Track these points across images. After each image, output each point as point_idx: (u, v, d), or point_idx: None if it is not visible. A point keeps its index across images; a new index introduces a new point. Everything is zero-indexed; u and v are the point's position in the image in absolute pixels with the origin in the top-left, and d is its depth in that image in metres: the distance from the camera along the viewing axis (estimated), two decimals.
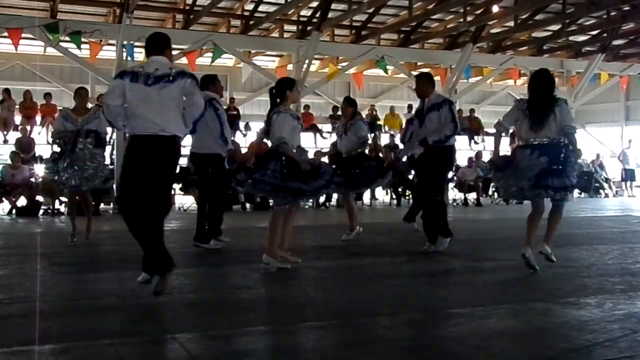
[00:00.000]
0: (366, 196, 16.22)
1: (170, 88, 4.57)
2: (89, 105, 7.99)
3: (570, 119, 5.78)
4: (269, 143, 6.03)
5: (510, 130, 7.03)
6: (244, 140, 17.50)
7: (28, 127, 15.10)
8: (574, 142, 5.64)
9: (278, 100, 6.06)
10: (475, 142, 19.40)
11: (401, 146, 9.89)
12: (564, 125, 5.60)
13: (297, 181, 5.70)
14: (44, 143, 15.38)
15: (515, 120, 5.85)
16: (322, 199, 15.67)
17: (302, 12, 16.39)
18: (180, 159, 4.98)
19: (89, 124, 7.60)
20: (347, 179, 7.79)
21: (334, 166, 7.74)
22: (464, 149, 17.19)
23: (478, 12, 16.05)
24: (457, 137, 7.11)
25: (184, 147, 5.18)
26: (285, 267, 5.88)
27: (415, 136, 7.33)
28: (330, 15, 15.08)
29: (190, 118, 4.71)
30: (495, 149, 5.98)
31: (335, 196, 16.17)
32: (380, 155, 16.95)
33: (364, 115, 19.18)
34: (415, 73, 19.25)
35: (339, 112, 18.99)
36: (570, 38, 18.15)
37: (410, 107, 19.64)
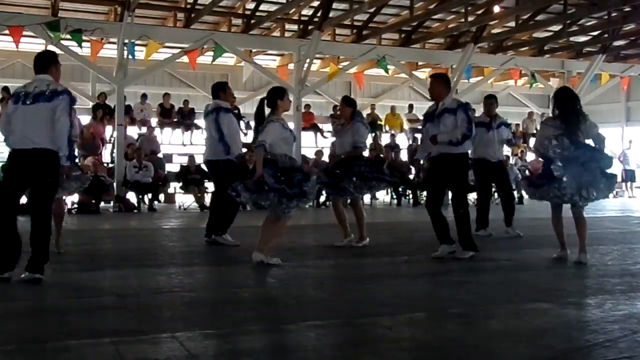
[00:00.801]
0: (366, 196, 16.20)
1: (45, 106, 5.10)
2: None
3: (596, 129, 6.34)
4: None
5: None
6: (245, 139, 17.48)
7: None
8: (604, 151, 6.35)
9: (269, 109, 6.12)
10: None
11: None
12: (593, 136, 6.26)
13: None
14: None
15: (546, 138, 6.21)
16: (322, 198, 15.68)
17: (304, 12, 16.39)
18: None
19: None
20: (334, 181, 7.45)
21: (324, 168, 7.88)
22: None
23: (479, 12, 16.05)
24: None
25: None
26: (275, 263, 5.96)
27: (427, 137, 6.94)
28: (331, 14, 15.08)
29: (59, 134, 5.10)
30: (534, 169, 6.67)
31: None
32: (381, 155, 17.06)
33: (364, 115, 19.31)
34: (415, 72, 19.37)
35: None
36: (571, 38, 18.15)
37: (411, 106, 19.68)
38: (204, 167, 15.18)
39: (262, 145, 5.87)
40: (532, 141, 20.46)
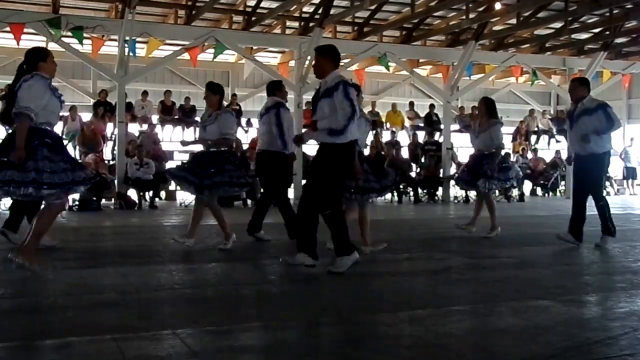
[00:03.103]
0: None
1: None
2: None
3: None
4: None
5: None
6: (246, 136, 17.51)
7: None
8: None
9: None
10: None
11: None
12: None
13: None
14: None
15: None
16: None
17: (305, 9, 16.37)
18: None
19: None
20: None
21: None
22: (466, 147, 17.15)
23: (480, 9, 16.03)
24: (561, 139, 7.26)
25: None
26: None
27: (569, 137, 7.60)
28: (332, 11, 15.06)
29: None
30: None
31: None
32: (383, 153, 17.05)
33: (366, 112, 19.30)
34: (416, 70, 19.34)
35: None
36: (573, 36, 18.13)
37: (412, 104, 19.67)
38: None
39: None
40: (533, 139, 20.53)
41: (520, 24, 16.54)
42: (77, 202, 12.53)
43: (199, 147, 7.46)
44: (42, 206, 5.39)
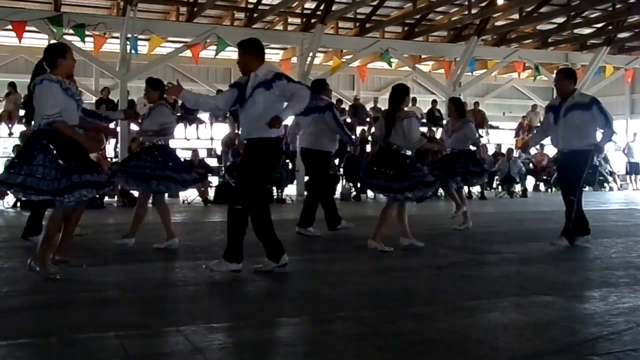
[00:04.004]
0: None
1: None
2: None
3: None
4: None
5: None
6: None
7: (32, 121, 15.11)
8: None
9: None
10: (480, 136, 19.33)
11: None
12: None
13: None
14: None
15: None
16: None
17: (306, 5, 16.34)
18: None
19: None
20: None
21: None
22: None
23: (483, 4, 16.00)
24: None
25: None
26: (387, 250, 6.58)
27: (549, 131, 7.20)
28: (334, 7, 15.05)
29: None
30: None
31: (339, 189, 16.19)
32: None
33: (368, 109, 19.29)
34: (419, 65, 19.32)
35: (342, 106, 19.08)
36: (575, 31, 18.08)
37: (414, 100, 19.63)
38: (208, 161, 15.40)
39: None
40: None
41: (522, 19, 16.52)
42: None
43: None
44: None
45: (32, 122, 5.25)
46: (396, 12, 16.96)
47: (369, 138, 16.91)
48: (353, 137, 8.23)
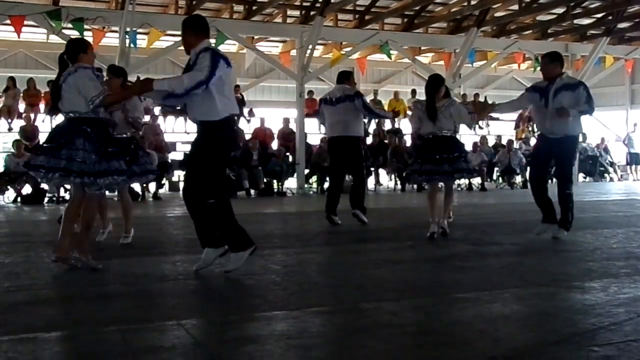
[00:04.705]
0: (371, 181, 16.18)
1: None
2: None
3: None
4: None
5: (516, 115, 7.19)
6: (248, 126, 17.50)
7: (32, 115, 15.13)
8: None
9: None
10: (480, 127, 19.34)
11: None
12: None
13: None
14: (48, 131, 15.39)
15: None
16: (326, 185, 15.69)
17: None
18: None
19: None
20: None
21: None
22: (468, 134, 17.14)
23: None
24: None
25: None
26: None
27: (542, 115, 6.92)
28: (333, 0, 15.00)
29: None
30: None
31: None
32: (385, 141, 17.03)
33: (368, 100, 19.26)
34: (418, 57, 19.28)
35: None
36: (575, 21, 18.04)
37: (414, 92, 19.61)
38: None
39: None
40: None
41: (522, 10, 16.47)
42: None
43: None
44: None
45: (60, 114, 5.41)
46: (395, 4, 16.91)
47: (370, 130, 16.90)
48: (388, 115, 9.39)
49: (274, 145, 16.46)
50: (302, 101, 16.10)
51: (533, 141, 19.51)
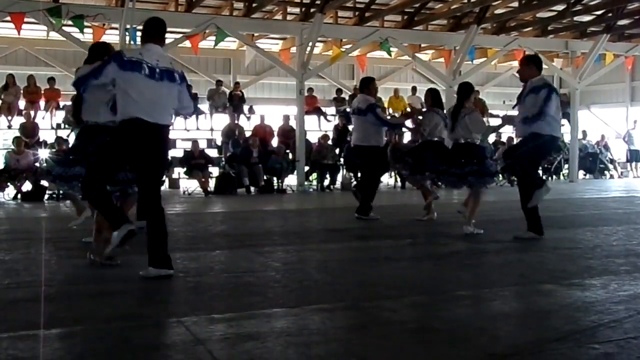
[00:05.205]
0: None
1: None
2: None
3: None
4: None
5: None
6: (248, 124, 17.49)
7: (32, 112, 15.13)
8: None
9: None
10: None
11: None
12: None
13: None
14: (48, 128, 15.40)
15: None
16: (326, 182, 15.70)
17: None
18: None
19: None
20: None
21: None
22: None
23: None
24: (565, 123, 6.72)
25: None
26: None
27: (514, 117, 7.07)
28: None
29: None
30: None
31: (339, 179, 16.20)
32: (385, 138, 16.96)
33: None
34: (418, 54, 19.24)
35: (343, 95, 19.04)
36: (575, 18, 17.99)
37: (414, 89, 19.60)
38: (208, 152, 15.38)
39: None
40: None
41: (522, 7, 16.43)
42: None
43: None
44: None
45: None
46: (395, 1, 16.87)
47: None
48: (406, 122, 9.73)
49: (274, 142, 16.45)
50: (302, 98, 16.08)
51: None
